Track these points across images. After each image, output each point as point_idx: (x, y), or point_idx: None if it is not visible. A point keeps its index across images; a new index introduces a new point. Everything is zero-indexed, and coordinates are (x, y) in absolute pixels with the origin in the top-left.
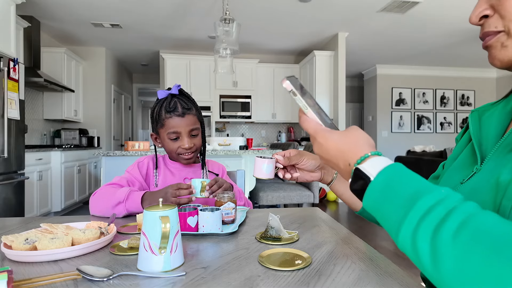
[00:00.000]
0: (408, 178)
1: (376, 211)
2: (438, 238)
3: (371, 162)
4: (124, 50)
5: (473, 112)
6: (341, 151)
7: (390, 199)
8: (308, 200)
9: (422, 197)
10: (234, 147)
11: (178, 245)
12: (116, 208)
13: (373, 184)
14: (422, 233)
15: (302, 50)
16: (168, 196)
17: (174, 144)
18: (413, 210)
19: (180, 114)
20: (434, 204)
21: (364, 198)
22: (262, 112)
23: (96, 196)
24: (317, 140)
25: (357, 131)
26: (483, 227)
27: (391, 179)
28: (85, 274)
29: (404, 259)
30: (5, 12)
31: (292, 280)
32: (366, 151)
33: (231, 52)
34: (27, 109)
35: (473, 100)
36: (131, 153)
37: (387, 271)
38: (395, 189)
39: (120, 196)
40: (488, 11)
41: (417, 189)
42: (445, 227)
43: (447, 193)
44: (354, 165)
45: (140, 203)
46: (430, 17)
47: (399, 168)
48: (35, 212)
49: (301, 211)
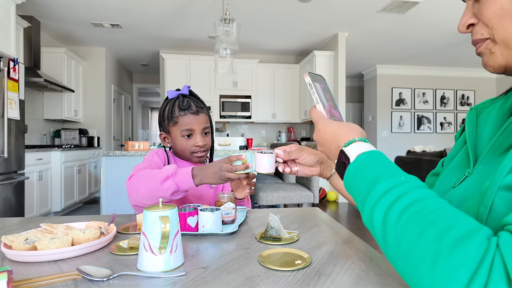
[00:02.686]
0: (379, 164)
1: (350, 190)
2: (386, 219)
3: (355, 146)
4: (124, 50)
5: (472, 110)
6: (335, 135)
7: (360, 180)
8: (308, 200)
9: (381, 181)
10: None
11: (178, 245)
12: (165, 184)
13: (350, 165)
14: (376, 214)
15: (302, 50)
16: (224, 173)
17: (187, 142)
18: (372, 192)
19: (195, 112)
20: (389, 189)
21: (344, 178)
22: (262, 112)
23: (135, 178)
24: (317, 126)
25: (353, 124)
26: (423, 211)
27: (364, 162)
28: (85, 274)
29: None
30: (5, 12)
31: (292, 280)
32: (354, 136)
33: (231, 52)
34: (27, 109)
35: (473, 100)
36: (131, 153)
37: (387, 271)
38: (365, 171)
39: (168, 171)
40: (473, 20)
41: (381, 173)
42: (392, 210)
43: (405, 180)
44: (341, 147)
45: (190, 177)
46: (430, 17)
47: (375, 154)
48: (35, 212)
49: (301, 211)
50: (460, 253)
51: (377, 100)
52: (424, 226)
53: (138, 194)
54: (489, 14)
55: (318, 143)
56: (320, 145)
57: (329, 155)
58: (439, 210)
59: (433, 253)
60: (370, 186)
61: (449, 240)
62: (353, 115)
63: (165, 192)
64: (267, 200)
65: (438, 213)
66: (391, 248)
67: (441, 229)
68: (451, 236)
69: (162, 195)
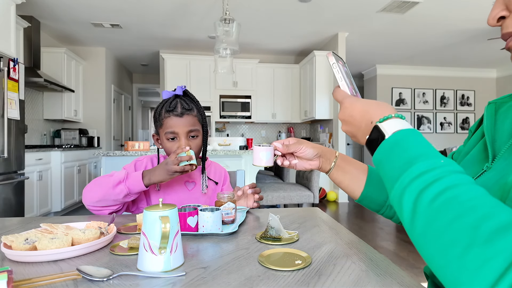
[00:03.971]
0: (416, 143)
1: (380, 166)
2: (418, 201)
3: (392, 123)
4: (124, 50)
5: (490, 104)
6: (366, 111)
7: (394, 157)
8: (308, 200)
9: (418, 162)
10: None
11: (178, 245)
12: (117, 188)
13: (385, 142)
14: (408, 194)
15: (302, 50)
16: (169, 166)
17: (172, 145)
18: (407, 172)
19: (179, 114)
20: (426, 171)
21: (375, 153)
22: (262, 112)
23: (90, 185)
24: (344, 104)
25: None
26: (460, 197)
27: (401, 139)
28: (85, 274)
29: (404, 259)
30: (5, 12)
31: (292, 280)
32: (390, 112)
33: (231, 52)
34: (27, 109)
35: (473, 100)
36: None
37: (387, 271)
38: (401, 149)
39: (119, 176)
40: (504, 12)
41: (419, 154)
42: (426, 192)
43: (445, 163)
44: (376, 122)
45: (141, 180)
46: (430, 17)
47: (414, 133)
48: (35, 212)
49: (301, 211)
50: (497, 244)
51: (377, 100)
52: (460, 212)
53: (92, 198)
54: None
55: (344, 122)
56: (347, 124)
57: (357, 133)
58: (479, 198)
59: (467, 239)
60: (405, 165)
61: (487, 229)
62: None
63: (117, 195)
64: (267, 200)
65: (477, 201)
66: (419, 229)
67: (479, 217)
68: (490, 225)
69: (115, 198)
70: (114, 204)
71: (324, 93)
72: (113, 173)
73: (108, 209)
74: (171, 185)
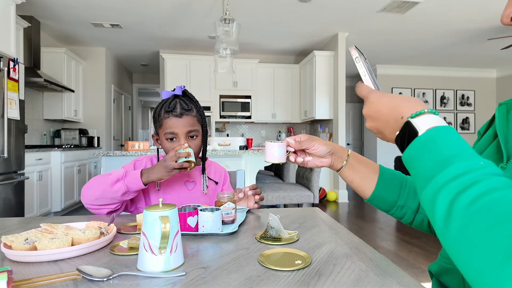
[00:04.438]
0: (453, 142)
1: (411, 163)
2: (455, 204)
3: (425, 118)
4: (124, 50)
5: (501, 105)
6: (395, 105)
7: (428, 155)
8: (308, 200)
9: (456, 163)
10: (234, 147)
11: (178, 245)
12: (115, 186)
13: (419, 139)
14: (443, 196)
15: (302, 50)
16: (167, 162)
17: (171, 145)
18: (444, 172)
19: (178, 115)
20: (464, 172)
21: (406, 150)
22: (262, 112)
23: (89, 183)
24: (369, 99)
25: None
26: (502, 201)
27: (437, 137)
28: (85, 274)
29: (404, 259)
30: (5, 12)
31: (292, 280)
32: (422, 107)
33: (231, 52)
34: (27, 109)
35: (473, 100)
36: (131, 153)
37: (387, 271)
38: (436, 148)
39: (118, 174)
40: None
41: (456, 153)
42: (464, 195)
43: (484, 165)
44: (407, 118)
45: (139, 177)
46: (430, 17)
47: (450, 131)
48: (35, 212)
49: (301, 211)
50: None
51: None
52: (501, 217)
53: (91, 197)
54: None
55: (370, 118)
56: (373, 120)
57: (385, 129)
58: None
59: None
60: (440, 165)
61: None
62: (353, 115)
63: (115, 193)
64: (267, 200)
65: None
66: (454, 233)
67: None
68: None
69: (113, 196)
70: (112, 202)
71: (324, 93)
72: (112, 172)
73: (106, 208)
74: (171, 185)
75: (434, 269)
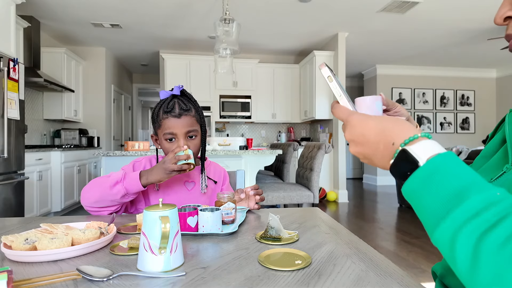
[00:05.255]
0: (460, 171)
1: (415, 198)
2: (482, 245)
3: (422, 145)
4: (124, 50)
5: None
6: (383, 129)
7: (436, 188)
8: (308, 200)
9: (472, 196)
10: (234, 147)
11: (178, 245)
12: (114, 188)
13: (421, 170)
14: (465, 236)
15: (302, 50)
16: (166, 165)
17: (170, 145)
18: (460, 209)
19: (177, 115)
20: (484, 207)
21: (406, 183)
22: (262, 112)
23: (88, 186)
24: (351, 122)
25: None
26: None
27: (441, 167)
28: (85, 274)
29: (404, 259)
30: (5, 12)
31: (292, 280)
32: (415, 132)
33: (231, 52)
34: (27, 109)
35: (473, 100)
36: (131, 153)
37: (387, 271)
38: (444, 179)
39: (117, 176)
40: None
41: (467, 184)
42: (492, 235)
43: (502, 196)
44: (400, 145)
45: (138, 180)
46: (430, 17)
47: (452, 158)
48: (35, 212)
49: (301, 211)
50: None
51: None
52: None
53: (90, 199)
54: None
55: (354, 143)
56: (358, 145)
57: (373, 156)
58: None
59: None
60: (454, 200)
61: None
62: None
63: (115, 196)
64: (267, 200)
65: None
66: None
67: None
68: None
69: (113, 198)
70: (112, 204)
71: (324, 93)
72: (111, 174)
73: (106, 210)
74: (171, 185)
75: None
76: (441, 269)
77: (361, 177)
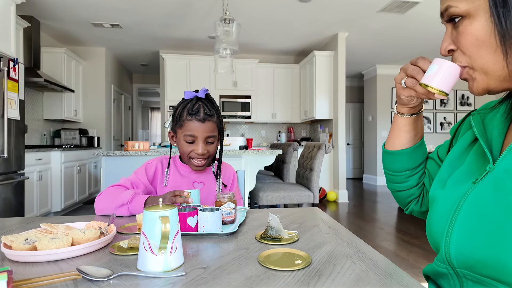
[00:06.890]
0: None
1: None
2: None
3: None
4: (124, 50)
5: (475, 114)
6: None
7: None
8: (308, 200)
9: None
10: (234, 147)
11: (178, 245)
12: (120, 210)
13: None
14: None
15: (302, 50)
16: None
17: (188, 147)
18: None
19: (201, 119)
20: None
21: None
22: (262, 112)
23: (101, 197)
24: None
25: None
26: None
27: None
28: (85, 274)
29: (404, 259)
30: (5, 12)
31: (292, 280)
32: None
33: (231, 52)
34: (27, 109)
35: (473, 100)
36: (131, 153)
37: (387, 271)
38: None
39: (124, 198)
40: (452, 46)
41: None
42: None
43: None
44: None
45: (143, 206)
46: (430, 17)
47: None
48: (35, 212)
49: (301, 211)
50: None
51: (377, 100)
52: None
53: (100, 211)
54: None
55: None
56: None
57: None
58: None
59: None
60: None
61: None
62: (353, 115)
63: (121, 214)
64: (267, 200)
65: None
66: None
67: None
68: None
69: (119, 215)
70: None
71: (324, 93)
72: (122, 183)
73: None
74: (179, 185)
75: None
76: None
77: (361, 177)
